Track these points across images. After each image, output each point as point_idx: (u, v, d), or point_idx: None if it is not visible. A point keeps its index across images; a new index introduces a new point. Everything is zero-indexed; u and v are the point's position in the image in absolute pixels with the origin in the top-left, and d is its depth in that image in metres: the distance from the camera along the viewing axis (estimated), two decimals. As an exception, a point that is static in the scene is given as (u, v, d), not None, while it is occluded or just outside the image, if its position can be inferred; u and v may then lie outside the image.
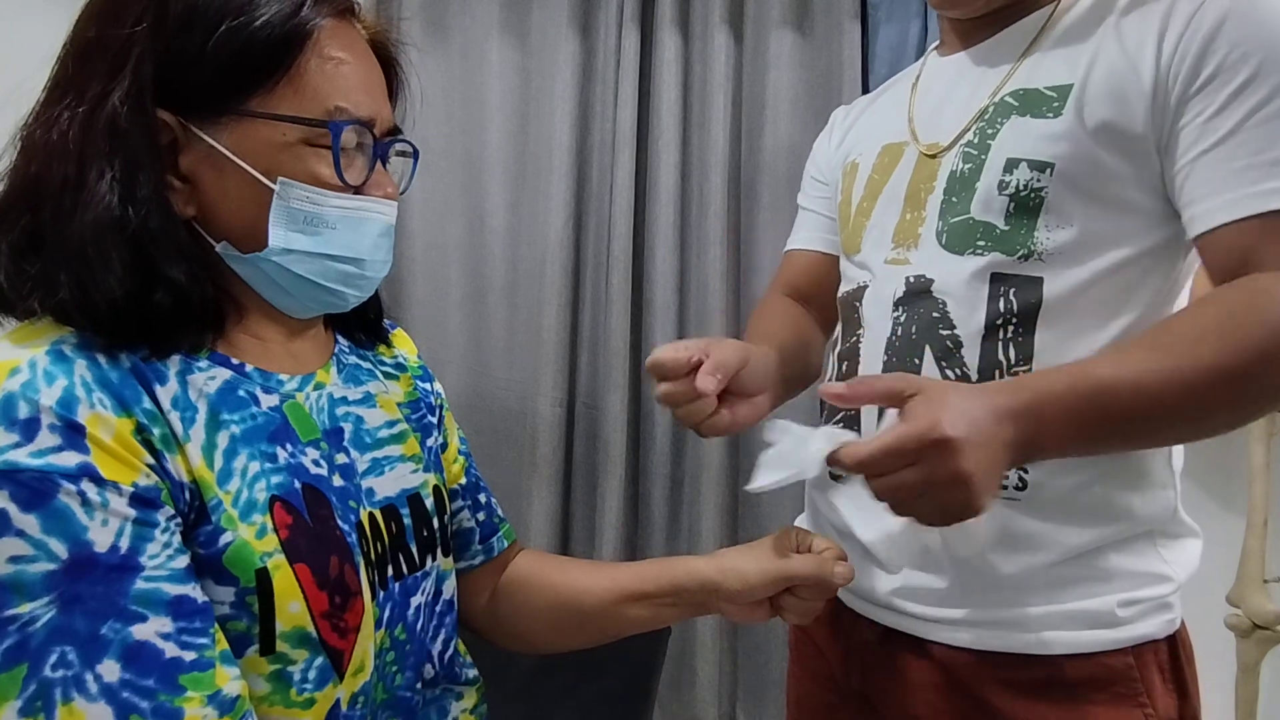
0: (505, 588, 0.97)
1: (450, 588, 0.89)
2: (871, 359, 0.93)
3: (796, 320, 1.17)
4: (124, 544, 0.60)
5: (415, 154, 0.83)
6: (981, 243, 0.86)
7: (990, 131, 0.88)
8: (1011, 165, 0.85)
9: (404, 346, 0.97)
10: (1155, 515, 0.85)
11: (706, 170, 2.02)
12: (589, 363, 2.11)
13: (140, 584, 0.61)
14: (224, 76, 0.68)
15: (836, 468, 0.74)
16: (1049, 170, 0.83)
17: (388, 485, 0.82)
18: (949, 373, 0.86)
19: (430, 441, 0.90)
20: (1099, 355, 0.80)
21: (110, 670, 0.58)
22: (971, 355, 0.86)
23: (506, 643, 0.98)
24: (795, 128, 2.00)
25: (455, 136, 2.12)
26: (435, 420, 0.94)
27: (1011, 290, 0.84)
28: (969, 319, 0.86)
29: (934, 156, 0.94)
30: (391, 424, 0.85)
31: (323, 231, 0.72)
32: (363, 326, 0.91)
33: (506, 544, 0.99)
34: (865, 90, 1.99)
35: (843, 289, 1.04)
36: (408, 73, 0.84)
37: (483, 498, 0.99)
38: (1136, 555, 0.85)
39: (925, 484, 0.68)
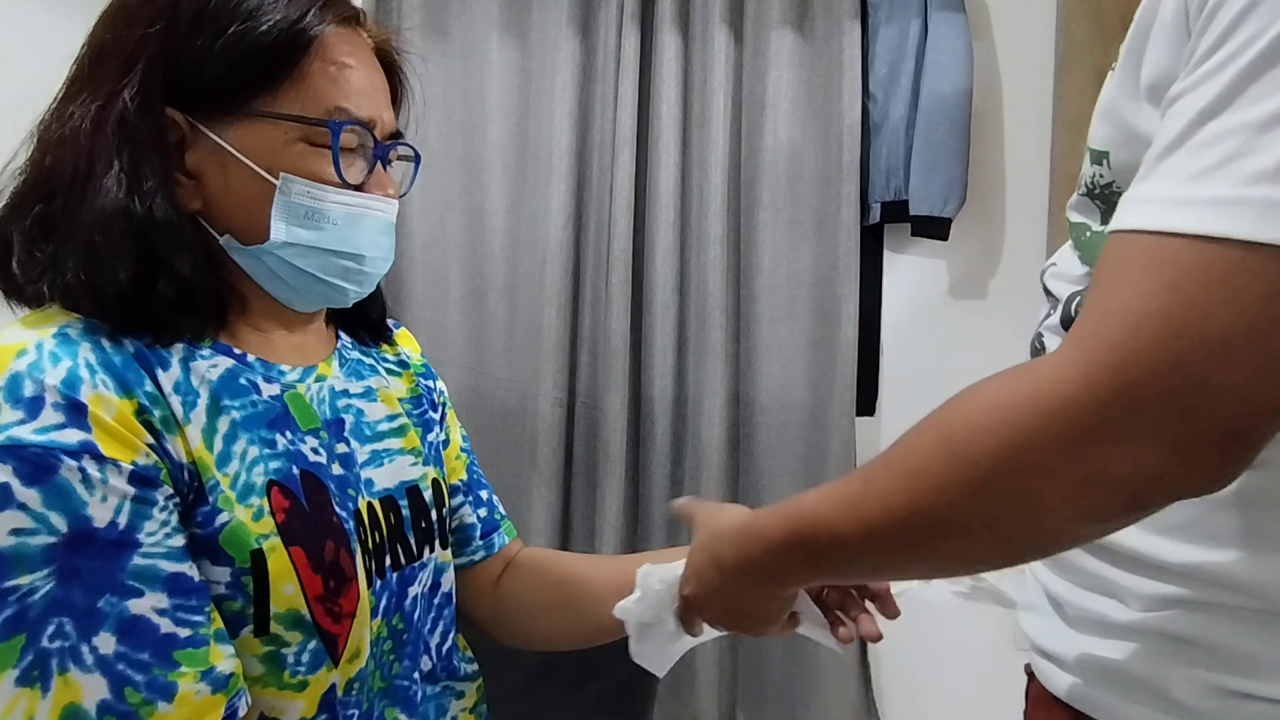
0: (509, 584, 0.98)
1: (448, 580, 0.90)
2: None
3: None
4: (122, 520, 0.61)
5: (416, 158, 0.85)
6: (1078, 251, 0.71)
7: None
8: (1085, 153, 0.67)
9: (408, 345, 0.98)
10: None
11: (706, 170, 2.03)
12: (589, 363, 2.12)
13: (137, 560, 0.62)
14: (230, 77, 0.71)
15: None
16: (1105, 161, 0.64)
17: (386, 477, 0.83)
18: None
19: (431, 437, 0.91)
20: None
21: (106, 643, 0.60)
22: None
23: (512, 640, 0.98)
24: (795, 128, 2.01)
25: (455, 136, 2.13)
26: (437, 417, 0.95)
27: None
28: (1054, 316, 0.73)
29: None
30: (392, 418, 0.86)
31: (324, 226, 0.74)
32: (366, 325, 0.93)
33: (507, 540, 1.00)
34: (865, 91, 1.99)
35: None
36: (411, 81, 0.87)
37: (484, 494, 1.00)
38: (1248, 634, 0.59)
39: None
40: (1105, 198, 0.66)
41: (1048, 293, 0.78)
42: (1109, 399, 0.47)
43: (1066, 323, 0.71)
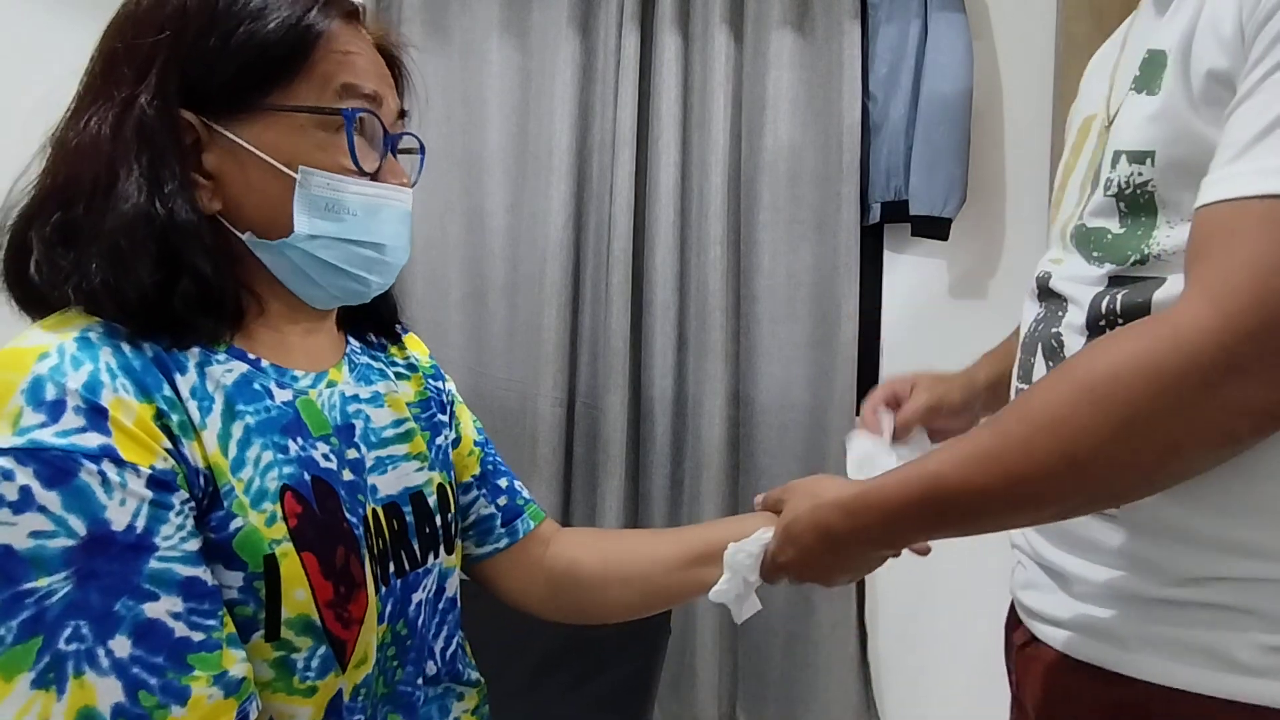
0: (555, 564, 0.99)
1: (453, 585, 0.90)
2: (1023, 353, 0.86)
3: None
4: (140, 524, 0.62)
5: (421, 149, 0.86)
6: (1096, 253, 0.75)
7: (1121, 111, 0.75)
8: (1116, 159, 0.72)
9: (416, 349, 0.99)
10: None
11: (706, 170, 2.03)
12: (589, 363, 2.12)
13: (154, 563, 0.62)
14: (242, 76, 0.72)
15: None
16: (1149, 160, 0.70)
17: (390, 483, 0.83)
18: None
19: (439, 440, 0.92)
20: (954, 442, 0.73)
21: (122, 646, 0.60)
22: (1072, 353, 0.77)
23: (570, 618, 1.00)
24: (795, 128, 2.01)
25: (455, 136, 2.13)
26: (446, 418, 0.96)
27: (1121, 293, 0.72)
28: (1075, 316, 0.77)
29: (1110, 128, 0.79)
30: (399, 423, 0.86)
31: (344, 218, 0.75)
32: (377, 326, 0.93)
33: (534, 524, 1.01)
34: (865, 90, 2.00)
35: None
36: (413, 77, 0.88)
37: (503, 483, 1.01)
38: None
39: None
40: (1132, 199, 0.72)
41: (1052, 295, 0.80)
42: (1244, 338, 0.56)
43: (1092, 322, 0.74)
